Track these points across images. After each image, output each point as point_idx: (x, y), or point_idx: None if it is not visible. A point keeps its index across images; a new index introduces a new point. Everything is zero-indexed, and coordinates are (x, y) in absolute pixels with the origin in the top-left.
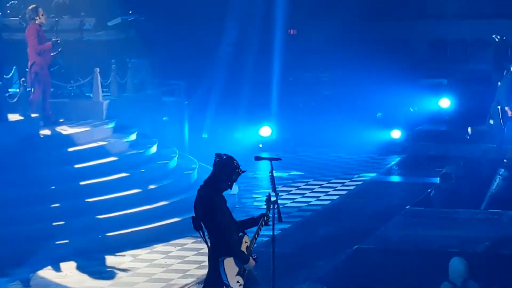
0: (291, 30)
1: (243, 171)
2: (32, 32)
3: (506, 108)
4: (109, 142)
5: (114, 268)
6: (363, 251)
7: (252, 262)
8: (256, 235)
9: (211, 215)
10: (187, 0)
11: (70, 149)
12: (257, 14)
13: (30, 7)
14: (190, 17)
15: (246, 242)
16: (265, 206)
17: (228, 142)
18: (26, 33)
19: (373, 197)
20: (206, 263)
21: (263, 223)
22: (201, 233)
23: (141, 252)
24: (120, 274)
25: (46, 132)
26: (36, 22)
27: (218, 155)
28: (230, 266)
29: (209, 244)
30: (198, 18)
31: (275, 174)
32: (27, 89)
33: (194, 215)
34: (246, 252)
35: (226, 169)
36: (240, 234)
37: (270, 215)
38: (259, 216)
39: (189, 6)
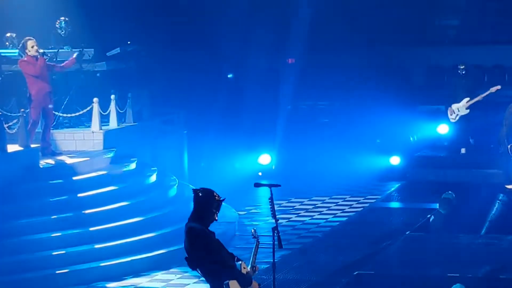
0: (290, 59)
1: (223, 199)
2: (26, 64)
3: None
4: (108, 171)
5: None
6: (363, 277)
7: (255, 284)
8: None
9: (203, 246)
10: (185, 30)
11: (70, 179)
12: (256, 43)
13: (21, 42)
14: (189, 46)
15: (244, 268)
16: (255, 248)
17: (227, 171)
18: (20, 65)
19: (373, 223)
20: None
21: (255, 269)
22: (198, 271)
23: (142, 280)
24: None
25: (45, 162)
26: (29, 54)
27: (194, 191)
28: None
29: (209, 280)
30: (197, 47)
31: (274, 201)
32: (26, 120)
33: (187, 255)
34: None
35: (205, 203)
36: (238, 262)
37: (270, 242)
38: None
39: (188, 36)
